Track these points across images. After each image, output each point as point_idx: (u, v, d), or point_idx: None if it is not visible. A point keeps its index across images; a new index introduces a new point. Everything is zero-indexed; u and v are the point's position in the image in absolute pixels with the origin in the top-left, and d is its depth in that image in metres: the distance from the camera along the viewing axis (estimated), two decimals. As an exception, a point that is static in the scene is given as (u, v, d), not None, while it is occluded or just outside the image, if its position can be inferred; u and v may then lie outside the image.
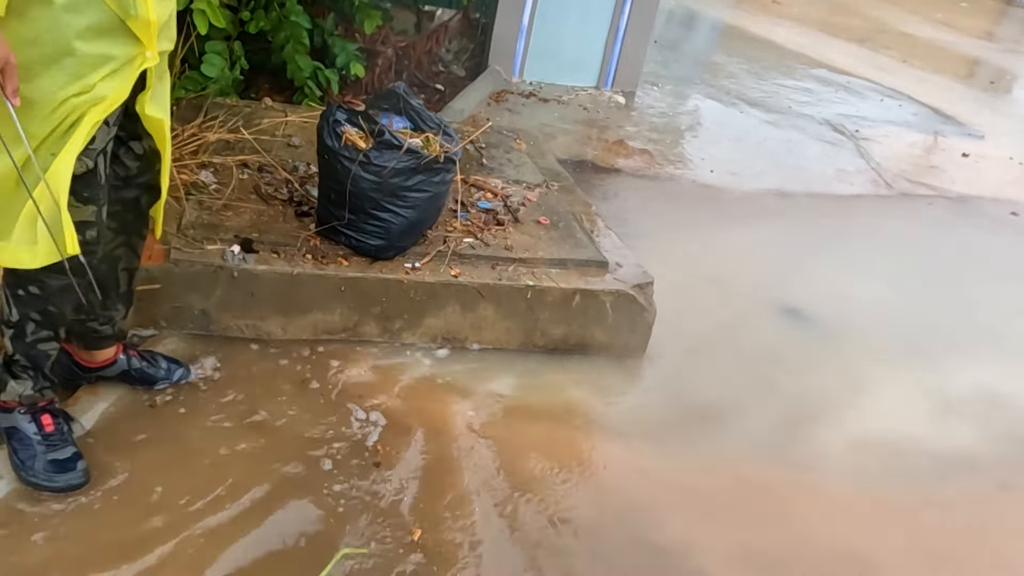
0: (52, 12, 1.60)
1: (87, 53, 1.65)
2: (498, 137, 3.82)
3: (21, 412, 2.00)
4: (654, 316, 2.94)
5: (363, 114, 2.66)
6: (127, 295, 2.18)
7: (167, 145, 1.94)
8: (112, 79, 1.71)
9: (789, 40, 8.34)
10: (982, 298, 3.97)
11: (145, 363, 2.31)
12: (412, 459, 2.31)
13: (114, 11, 1.65)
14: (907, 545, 2.43)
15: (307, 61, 3.83)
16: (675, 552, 2.21)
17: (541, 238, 3.00)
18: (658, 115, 5.63)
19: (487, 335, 2.82)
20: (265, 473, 2.16)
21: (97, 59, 1.67)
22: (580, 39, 5.66)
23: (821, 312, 3.53)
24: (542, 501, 2.28)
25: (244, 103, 3.56)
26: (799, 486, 2.57)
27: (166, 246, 2.50)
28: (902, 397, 3.10)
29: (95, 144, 1.75)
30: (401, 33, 4.98)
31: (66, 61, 1.63)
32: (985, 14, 12.40)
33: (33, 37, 1.60)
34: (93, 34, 1.64)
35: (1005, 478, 2.78)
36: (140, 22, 1.69)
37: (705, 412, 2.80)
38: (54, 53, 1.62)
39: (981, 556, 2.46)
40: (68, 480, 1.97)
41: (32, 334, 1.92)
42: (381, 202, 2.59)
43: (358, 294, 2.64)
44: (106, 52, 1.67)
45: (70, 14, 1.61)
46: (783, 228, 4.35)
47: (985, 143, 6.33)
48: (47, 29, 1.60)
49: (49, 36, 1.61)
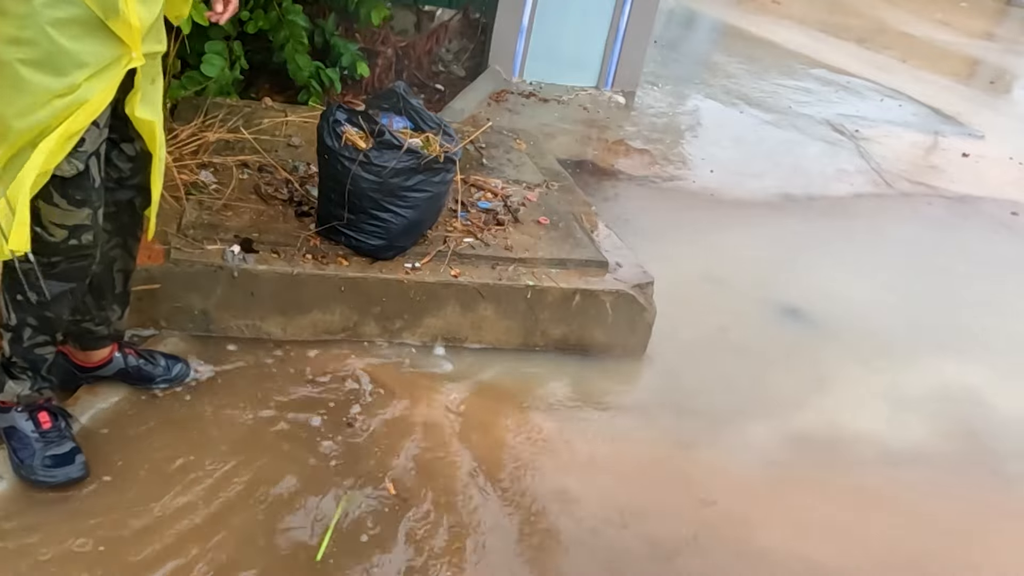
0: (31, 8, 1.58)
1: (69, 50, 1.62)
2: (498, 137, 3.82)
3: (18, 411, 2.00)
4: (654, 316, 2.94)
5: (363, 114, 2.66)
6: (123, 296, 2.18)
7: (158, 147, 1.92)
8: (97, 80, 1.68)
9: (789, 40, 8.34)
10: (982, 299, 3.97)
11: (143, 361, 2.30)
12: (408, 457, 2.31)
13: (93, 11, 1.63)
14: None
15: (307, 61, 3.83)
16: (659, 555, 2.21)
17: (541, 238, 3.00)
18: (658, 115, 5.63)
19: (487, 335, 2.81)
20: (265, 470, 2.16)
21: (80, 57, 1.64)
22: (580, 39, 5.66)
23: (821, 312, 3.53)
24: (540, 500, 2.28)
25: (244, 103, 3.56)
26: (796, 487, 2.57)
27: (166, 246, 2.50)
28: (902, 398, 3.10)
29: (85, 146, 1.73)
30: (401, 33, 4.98)
31: (48, 58, 1.61)
32: (985, 14, 12.40)
33: (14, 34, 1.59)
34: (75, 31, 1.62)
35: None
36: (122, 23, 1.66)
37: (705, 412, 2.80)
38: (36, 50, 1.61)
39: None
40: (67, 474, 1.97)
41: (29, 339, 1.93)
42: (381, 202, 2.59)
43: (358, 294, 2.64)
44: (89, 50, 1.65)
45: (49, 10, 1.59)
46: (783, 228, 4.35)
47: (985, 143, 6.33)
48: (27, 25, 1.59)
49: (30, 32, 1.59)
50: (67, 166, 1.72)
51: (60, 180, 1.73)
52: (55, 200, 1.74)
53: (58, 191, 1.74)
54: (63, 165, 1.71)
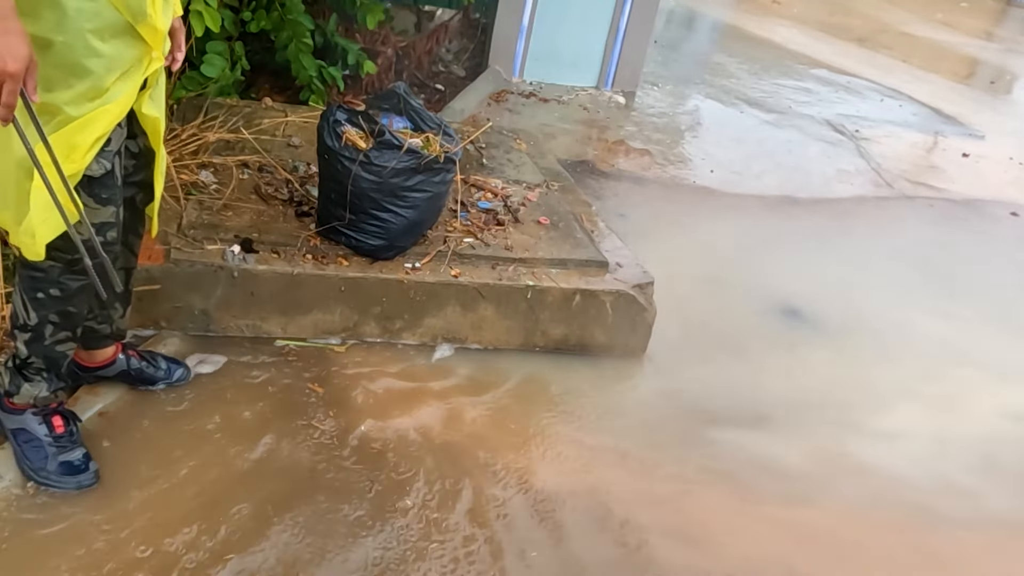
0: (63, 14, 1.60)
1: (103, 54, 1.65)
2: (498, 137, 3.82)
3: (33, 413, 2.01)
4: (654, 316, 2.94)
5: (363, 114, 2.66)
6: (125, 294, 2.19)
7: (161, 143, 1.94)
8: (124, 81, 1.72)
9: (789, 40, 8.35)
10: (982, 299, 3.97)
11: (145, 363, 2.31)
12: (405, 455, 2.31)
13: (124, 16, 1.66)
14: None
15: (311, 60, 3.84)
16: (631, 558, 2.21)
17: (541, 238, 3.00)
18: (658, 115, 5.63)
19: (487, 335, 2.82)
20: (265, 472, 2.16)
21: (111, 60, 1.67)
22: (580, 39, 5.67)
23: (821, 312, 3.53)
24: (536, 498, 2.28)
25: (244, 103, 3.56)
26: (790, 490, 2.57)
27: (166, 246, 2.50)
28: (901, 398, 3.10)
29: (111, 146, 1.76)
30: (401, 33, 4.98)
31: (82, 62, 1.63)
32: (985, 14, 12.41)
33: (47, 39, 1.60)
34: (107, 35, 1.65)
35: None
36: (149, 27, 1.70)
37: (704, 412, 2.80)
38: (69, 55, 1.62)
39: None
40: (79, 482, 1.99)
41: (51, 336, 1.93)
42: (381, 202, 2.59)
43: (358, 294, 2.65)
44: (119, 54, 1.68)
45: (82, 17, 1.61)
46: (783, 228, 4.35)
47: (985, 143, 6.33)
48: (61, 30, 1.60)
49: (64, 37, 1.61)
50: (96, 166, 1.74)
51: (88, 180, 1.75)
52: (83, 199, 1.75)
53: (85, 191, 1.76)
54: (92, 165, 1.73)
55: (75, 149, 1.68)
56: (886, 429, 2.90)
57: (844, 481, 2.62)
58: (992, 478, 2.76)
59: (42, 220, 1.69)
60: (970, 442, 2.92)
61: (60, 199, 1.63)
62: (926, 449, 2.83)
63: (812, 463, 2.67)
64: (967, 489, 2.68)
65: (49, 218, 1.69)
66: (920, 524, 2.51)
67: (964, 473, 2.75)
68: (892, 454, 2.78)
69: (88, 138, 1.69)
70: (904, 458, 2.76)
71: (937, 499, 2.61)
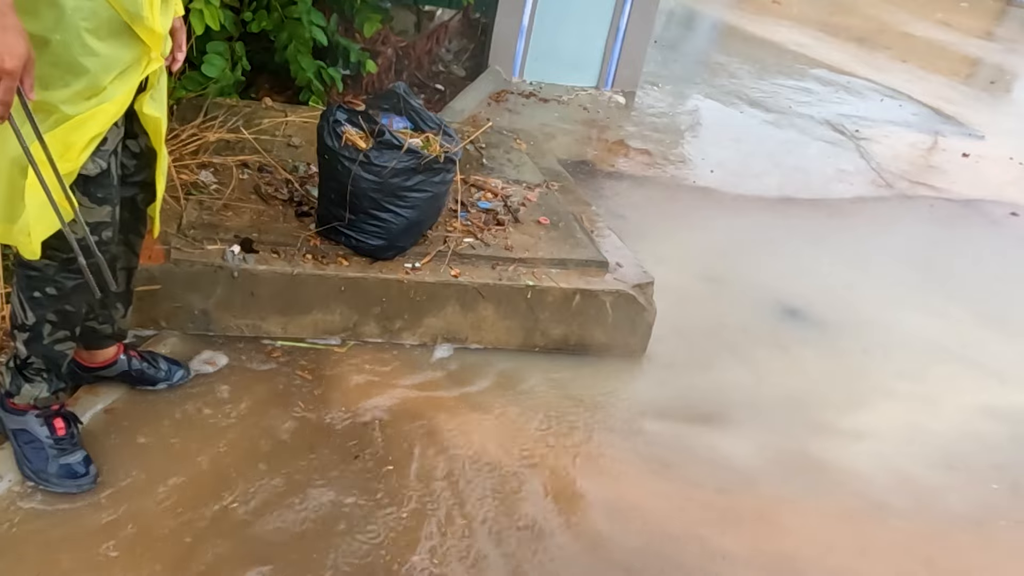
0: (61, 12, 1.60)
1: (99, 52, 1.65)
2: (498, 137, 3.83)
3: (35, 415, 2.01)
4: (654, 316, 2.94)
5: (363, 114, 2.66)
6: (126, 294, 2.19)
7: (163, 143, 1.94)
8: (122, 81, 1.71)
9: (789, 40, 8.35)
10: (982, 299, 3.97)
11: (145, 364, 2.31)
12: (404, 454, 2.32)
13: (121, 16, 1.66)
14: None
15: (310, 61, 3.84)
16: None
17: (541, 238, 3.00)
18: (658, 115, 5.63)
19: (487, 335, 2.82)
20: (264, 469, 2.16)
21: (108, 59, 1.67)
22: (580, 39, 5.67)
23: (821, 312, 3.53)
24: (536, 498, 2.28)
25: (244, 103, 3.57)
26: (789, 490, 2.57)
27: (166, 246, 2.50)
28: (883, 397, 3.10)
29: (107, 145, 1.76)
30: (401, 33, 4.98)
31: (78, 60, 1.63)
32: (985, 14, 12.41)
33: (44, 37, 1.60)
34: (104, 34, 1.65)
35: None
36: (146, 29, 1.70)
37: (704, 412, 2.80)
38: (65, 53, 1.62)
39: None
40: (80, 485, 1.99)
41: (49, 335, 1.93)
42: (381, 202, 2.59)
43: (358, 294, 2.65)
44: (116, 53, 1.68)
45: (79, 15, 1.61)
46: (783, 228, 4.35)
47: (985, 143, 6.33)
48: (59, 28, 1.60)
49: (60, 36, 1.61)
50: (92, 165, 1.74)
51: (83, 179, 1.75)
52: (78, 198, 1.75)
53: (80, 189, 1.76)
54: (88, 164, 1.73)
55: (71, 148, 1.67)
56: (857, 427, 2.88)
57: (796, 476, 2.59)
58: (955, 475, 2.74)
59: (38, 218, 1.69)
60: (942, 441, 2.90)
61: (55, 198, 1.63)
62: (893, 447, 2.81)
63: (767, 458, 2.64)
64: (925, 486, 2.66)
65: (44, 216, 1.69)
66: (862, 515, 2.49)
67: (926, 470, 2.74)
68: (855, 452, 2.75)
69: (84, 137, 1.68)
70: (867, 455, 2.74)
71: (888, 494, 2.58)
